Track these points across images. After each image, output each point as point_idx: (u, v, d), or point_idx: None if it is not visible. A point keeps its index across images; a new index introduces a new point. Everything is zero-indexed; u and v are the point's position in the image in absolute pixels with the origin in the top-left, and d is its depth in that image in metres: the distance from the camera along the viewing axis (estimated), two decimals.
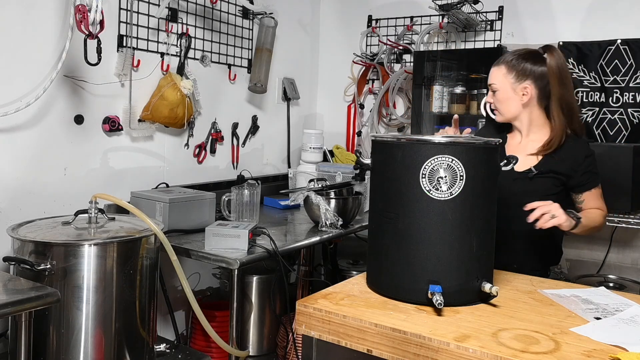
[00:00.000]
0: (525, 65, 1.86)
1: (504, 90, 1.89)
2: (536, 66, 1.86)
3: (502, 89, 1.90)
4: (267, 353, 2.93)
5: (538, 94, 1.88)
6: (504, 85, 1.89)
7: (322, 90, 3.89)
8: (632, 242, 2.87)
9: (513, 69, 1.87)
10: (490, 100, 1.97)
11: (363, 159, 1.57)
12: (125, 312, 1.80)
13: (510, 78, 1.88)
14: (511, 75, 1.87)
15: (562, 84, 1.85)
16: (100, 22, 2.02)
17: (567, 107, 1.87)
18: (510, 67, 1.88)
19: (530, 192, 1.83)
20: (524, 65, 1.86)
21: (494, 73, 1.92)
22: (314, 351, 1.41)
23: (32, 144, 2.19)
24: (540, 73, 1.85)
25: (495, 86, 1.91)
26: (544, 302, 1.47)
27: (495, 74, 1.91)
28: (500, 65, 1.90)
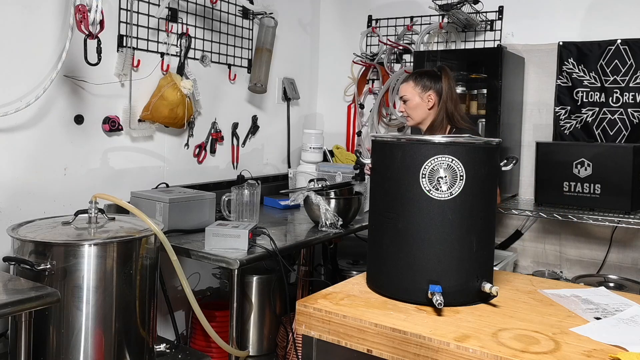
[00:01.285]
0: (427, 80, 2.40)
1: (414, 99, 2.41)
2: (435, 81, 2.39)
3: (412, 99, 2.42)
4: (267, 353, 2.93)
5: (435, 101, 2.39)
6: (413, 95, 2.41)
7: (322, 90, 3.89)
8: (632, 242, 2.87)
9: (418, 82, 2.41)
10: (402, 109, 2.48)
11: (363, 159, 1.57)
12: (125, 312, 1.80)
13: (418, 89, 2.41)
14: (418, 87, 2.41)
15: (450, 93, 2.38)
16: (100, 22, 2.02)
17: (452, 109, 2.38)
18: (416, 81, 2.41)
19: None
20: (426, 80, 2.40)
21: (403, 87, 2.46)
22: (314, 351, 1.41)
23: (32, 144, 2.19)
24: (439, 86, 2.39)
25: (405, 97, 2.44)
26: (544, 302, 1.47)
27: (405, 88, 2.44)
28: (408, 80, 2.44)
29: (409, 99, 2.42)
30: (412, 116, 2.45)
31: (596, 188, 2.64)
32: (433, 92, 2.39)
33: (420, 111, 2.42)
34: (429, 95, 2.39)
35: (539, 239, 3.11)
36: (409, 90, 2.43)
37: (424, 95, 2.40)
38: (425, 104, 2.40)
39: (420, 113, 2.42)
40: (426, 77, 2.41)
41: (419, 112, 2.43)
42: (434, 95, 2.39)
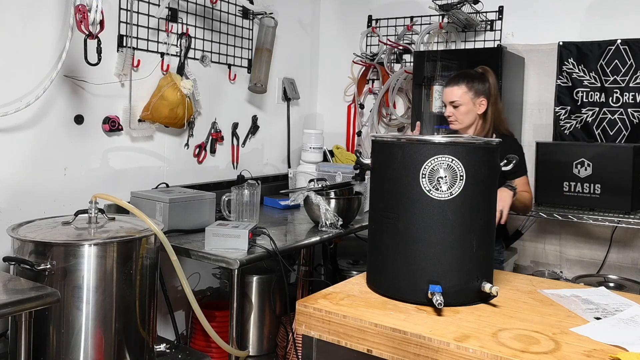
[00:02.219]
0: (478, 84, 2.32)
1: (467, 104, 2.31)
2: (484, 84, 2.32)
3: (465, 103, 2.31)
4: (267, 353, 2.93)
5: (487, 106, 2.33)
6: (466, 100, 2.31)
7: (322, 90, 3.89)
8: (632, 242, 2.87)
9: (472, 87, 2.31)
10: (450, 114, 2.36)
11: (363, 159, 1.57)
12: (125, 312, 1.80)
13: (471, 94, 2.31)
14: (472, 91, 2.31)
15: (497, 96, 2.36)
16: (100, 22, 2.02)
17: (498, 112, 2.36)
18: (469, 86, 2.31)
19: None
20: (478, 84, 2.32)
21: (454, 91, 2.33)
22: (314, 351, 1.41)
23: (32, 144, 2.19)
24: (488, 89, 2.33)
25: (458, 102, 2.32)
26: (544, 302, 1.47)
27: (456, 92, 2.32)
28: (461, 84, 2.32)
29: (462, 104, 2.31)
30: (462, 121, 2.34)
31: (596, 188, 2.64)
32: (484, 97, 2.31)
33: (471, 116, 2.33)
34: (481, 101, 2.31)
35: (539, 239, 3.11)
36: (461, 95, 2.31)
37: (477, 101, 2.31)
38: (476, 110, 2.32)
39: (471, 118, 2.34)
40: (477, 80, 2.32)
41: (469, 118, 2.33)
42: (485, 100, 2.31)
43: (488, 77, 2.33)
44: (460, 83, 2.32)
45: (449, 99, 2.34)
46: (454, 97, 2.32)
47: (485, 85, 2.31)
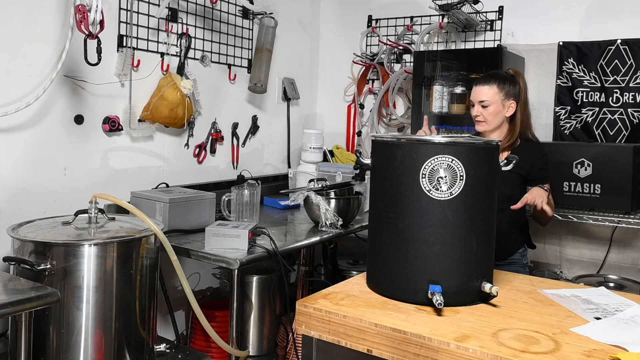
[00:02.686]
0: (509, 86, 2.28)
1: (496, 105, 2.27)
2: (515, 87, 2.29)
3: (494, 104, 2.27)
4: (267, 353, 2.93)
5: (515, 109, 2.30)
6: (496, 101, 2.27)
7: (322, 90, 3.89)
8: (632, 242, 2.87)
9: (503, 88, 2.27)
10: (478, 113, 2.31)
11: (363, 159, 1.57)
12: (125, 312, 1.80)
13: (502, 95, 2.27)
14: (502, 92, 2.27)
15: (526, 100, 2.33)
16: (100, 22, 2.02)
17: (526, 117, 2.33)
18: (501, 87, 2.27)
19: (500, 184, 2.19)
20: (509, 86, 2.28)
21: (485, 90, 2.28)
22: (314, 351, 1.41)
23: (32, 144, 2.19)
24: (518, 92, 2.30)
25: (488, 102, 2.27)
26: (544, 302, 1.47)
27: (487, 91, 2.28)
28: (492, 84, 2.28)
29: (491, 104, 2.27)
30: (490, 122, 2.29)
31: (596, 188, 2.63)
32: (514, 99, 2.28)
33: (499, 118, 2.28)
34: (510, 104, 2.27)
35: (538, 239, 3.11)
36: (492, 95, 2.26)
37: (506, 103, 2.27)
38: (504, 112, 2.28)
39: (498, 120, 2.29)
40: (508, 82, 2.28)
41: (497, 119, 2.28)
42: (514, 103, 2.28)
43: (519, 80, 2.30)
44: (492, 83, 2.27)
45: (478, 98, 2.29)
46: (484, 97, 2.27)
47: (515, 88, 2.28)
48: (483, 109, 2.29)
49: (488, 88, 2.27)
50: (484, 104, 2.28)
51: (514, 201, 2.15)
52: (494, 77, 2.30)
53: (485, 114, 2.29)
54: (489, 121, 2.29)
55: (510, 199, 2.17)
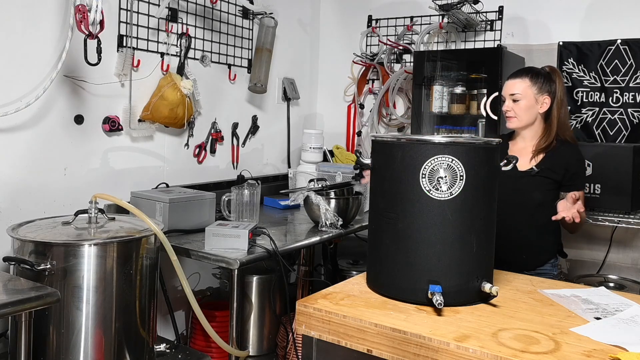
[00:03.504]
0: (543, 81, 2.15)
1: (528, 100, 2.13)
2: (550, 83, 2.16)
3: (526, 98, 2.13)
4: (267, 353, 2.93)
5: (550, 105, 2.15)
6: (528, 95, 2.13)
7: (322, 90, 3.89)
8: (632, 242, 2.87)
9: (536, 83, 2.14)
10: (509, 108, 2.17)
11: (363, 159, 1.57)
12: (125, 312, 1.80)
13: (535, 90, 2.13)
14: (535, 87, 2.13)
15: (563, 99, 2.18)
16: (100, 22, 2.02)
17: (563, 117, 2.19)
18: (534, 81, 2.14)
19: (531, 188, 2.12)
20: (542, 81, 2.14)
21: (516, 84, 2.15)
22: (314, 351, 1.41)
23: (32, 144, 2.19)
24: (554, 89, 2.16)
25: (519, 95, 2.14)
26: (544, 302, 1.47)
27: (519, 85, 2.15)
28: (524, 78, 2.15)
29: (523, 98, 2.13)
30: (521, 118, 2.15)
31: (596, 188, 2.63)
32: (548, 95, 2.13)
33: (531, 114, 2.14)
34: (544, 99, 2.13)
35: None
36: (523, 89, 2.13)
37: (540, 98, 2.13)
38: (537, 108, 2.14)
39: (530, 116, 2.14)
40: (542, 77, 2.15)
41: (529, 115, 2.14)
42: (549, 99, 2.13)
43: (555, 77, 2.17)
44: (524, 76, 2.15)
45: (509, 92, 2.17)
46: (515, 89, 2.14)
47: (551, 85, 2.15)
48: (514, 103, 2.15)
49: (520, 81, 2.15)
50: (515, 98, 2.14)
51: (546, 208, 2.07)
52: (526, 71, 2.19)
53: (516, 109, 2.15)
54: (520, 117, 2.15)
55: (542, 206, 2.10)
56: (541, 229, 2.15)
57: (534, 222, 2.14)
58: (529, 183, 2.13)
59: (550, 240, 2.20)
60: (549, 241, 2.20)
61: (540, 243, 2.17)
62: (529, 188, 2.12)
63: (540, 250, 2.18)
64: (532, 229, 2.16)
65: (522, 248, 2.12)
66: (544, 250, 2.19)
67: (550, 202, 2.11)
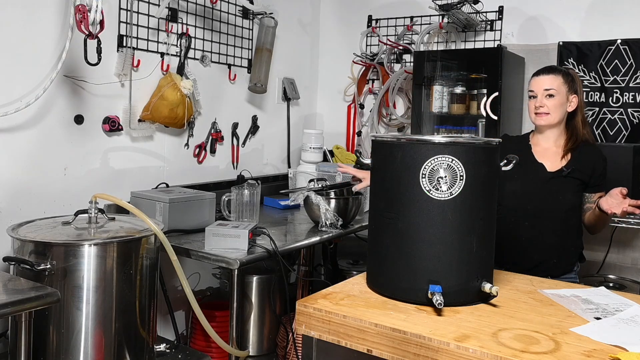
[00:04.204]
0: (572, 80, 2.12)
1: (562, 96, 2.08)
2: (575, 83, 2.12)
3: (560, 94, 2.08)
4: (267, 353, 2.93)
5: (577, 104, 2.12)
6: (562, 92, 2.08)
7: (322, 90, 3.89)
8: (632, 242, 2.87)
9: (567, 81, 2.10)
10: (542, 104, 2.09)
11: (363, 159, 1.57)
12: (125, 312, 1.80)
13: (566, 87, 2.09)
14: (567, 85, 2.09)
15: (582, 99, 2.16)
16: (100, 22, 2.02)
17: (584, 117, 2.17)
18: (565, 78, 2.10)
19: (563, 190, 2.09)
20: (571, 80, 2.11)
21: (551, 79, 2.09)
22: (314, 351, 1.41)
23: (32, 144, 2.19)
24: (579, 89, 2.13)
25: (554, 91, 2.08)
26: (544, 302, 1.47)
27: (553, 80, 2.09)
28: (558, 75, 2.10)
29: (558, 94, 2.07)
30: (554, 114, 2.08)
31: None
32: (576, 95, 2.10)
33: (562, 112, 2.09)
34: (573, 98, 2.10)
35: None
36: (558, 85, 2.08)
37: (570, 97, 2.09)
38: (567, 106, 2.09)
39: (561, 114, 2.09)
40: (570, 77, 2.11)
41: (561, 112, 2.09)
42: (577, 98, 2.10)
43: (576, 77, 2.15)
44: (557, 73, 2.10)
45: (543, 86, 2.08)
46: (550, 85, 2.07)
47: (575, 84, 2.12)
48: (548, 99, 2.07)
49: (555, 77, 2.09)
50: (550, 93, 2.07)
51: (576, 210, 2.09)
52: (557, 69, 2.14)
53: (550, 105, 2.07)
54: (553, 113, 2.08)
55: (573, 209, 2.09)
56: (572, 233, 2.13)
57: (566, 226, 2.10)
58: (561, 184, 2.08)
59: (578, 244, 2.17)
60: (577, 245, 2.16)
61: (570, 247, 2.13)
62: (561, 189, 2.08)
63: (570, 254, 2.14)
64: (565, 233, 2.11)
65: (553, 253, 2.08)
66: (573, 255, 2.15)
67: (579, 205, 2.09)
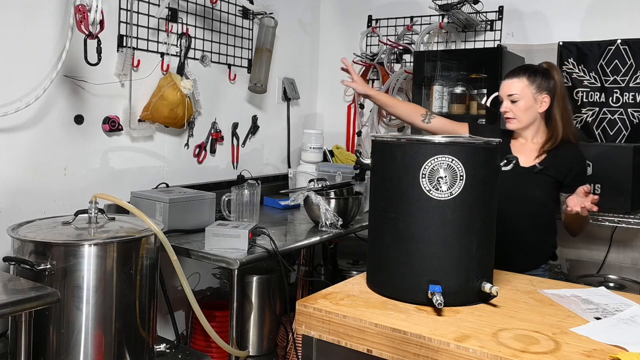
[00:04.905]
0: (541, 79, 2.08)
1: (527, 100, 2.07)
2: (549, 80, 2.09)
3: (525, 98, 2.07)
4: (267, 353, 2.93)
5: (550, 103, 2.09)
6: (526, 95, 2.07)
7: (322, 90, 3.89)
8: (632, 242, 2.87)
9: (534, 82, 2.07)
10: (507, 110, 2.10)
11: (363, 159, 1.57)
12: (125, 312, 1.80)
13: (533, 89, 2.07)
14: (533, 86, 2.07)
15: (564, 96, 2.12)
16: (100, 22, 2.02)
17: (566, 115, 2.12)
18: (531, 80, 2.07)
19: (532, 186, 2.09)
20: (540, 79, 2.08)
21: (514, 84, 2.09)
22: (314, 351, 1.41)
23: (32, 144, 2.19)
24: (552, 86, 2.09)
25: (517, 96, 2.07)
26: (544, 302, 1.47)
27: (516, 85, 2.08)
28: (522, 77, 2.08)
29: (521, 99, 2.06)
30: (521, 119, 2.08)
31: (596, 188, 2.63)
32: (547, 93, 2.07)
33: (531, 115, 2.08)
34: (543, 98, 2.07)
35: None
36: (521, 89, 2.06)
37: (539, 97, 2.06)
38: (537, 107, 2.07)
39: (530, 117, 2.08)
40: (540, 75, 2.08)
41: (529, 116, 2.08)
42: (548, 98, 2.07)
43: (553, 73, 2.10)
44: (521, 76, 2.08)
45: (506, 92, 2.09)
46: (512, 90, 2.07)
47: (549, 82, 2.08)
48: (512, 104, 2.09)
49: (518, 81, 2.08)
50: (513, 99, 2.08)
51: (547, 208, 2.08)
52: (524, 70, 2.12)
53: (515, 110, 2.08)
54: (519, 118, 2.09)
55: (544, 205, 2.09)
56: (541, 230, 2.12)
57: (534, 222, 2.11)
58: (531, 180, 2.08)
59: (549, 242, 2.17)
60: (547, 243, 2.16)
61: (539, 245, 2.13)
62: (531, 185, 2.08)
63: (538, 251, 2.14)
64: (533, 229, 2.12)
65: (521, 248, 2.08)
66: (541, 253, 2.15)
67: (552, 203, 2.09)
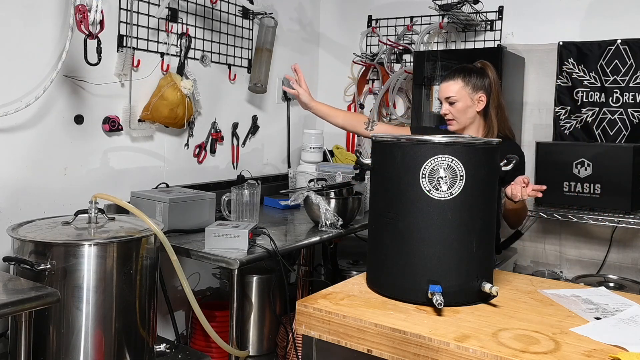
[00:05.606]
0: (476, 78, 2.15)
1: (464, 101, 2.15)
2: (483, 79, 2.16)
3: (462, 99, 2.15)
4: (267, 353, 2.93)
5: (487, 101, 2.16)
6: (463, 96, 2.15)
7: (322, 90, 3.88)
8: (632, 242, 2.87)
9: (469, 82, 2.14)
10: (446, 111, 2.19)
11: (363, 159, 1.57)
12: (125, 312, 1.80)
13: (469, 89, 2.14)
14: (469, 86, 2.14)
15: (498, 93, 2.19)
16: (100, 22, 2.02)
17: (501, 111, 2.19)
18: (466, 81, 2.15)
19: None
20: (475, 78, 2.15)
21: (449, 86, 2.16)
22: (314, 351, 1.41)
23: (32, 144, 2.19)
24: (488, 85, 2.16)
25: (454, 98, 2.15)
26: (544, 302, 1.47)
27: (452, 87, 2.16)
28: (457, 79, 2.16)
29: (458, 100, 2.14)
30: (460, 120, 2.17)
31: (596, 188, 2.64)
32: (483, 92, 2.14)
33: (469, 115, 2.16)
34: (479, 97, 2.14)
35: (538, 239, 3.11)
36: (457, 91, 2.14)
37: (475, 97, 2.14)
38: (474, 107, 2.15)
39: (469, 117, 2.16)
40: (475, 75, 2.15)
41: (467, 116, 2.16)
42: (484, 96, 2.14)
43: (487, 71, 2.18)
44: (457, 77, 2.16)
45: (444, 95, 2.18)
46: (449, 93, 2.16)
47: (484, 80, 2.15)
48: (451, 106, 2.17)
49: (453, 83, 2.15)
50: (451, 101, 2.16)
51: None
52: (458, 71, 2.17)
53: (453, 112, 2.17)
54: (458, 119, 2.17)
55: None
56: None
57: None
58: None
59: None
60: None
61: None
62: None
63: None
64: None
65: None
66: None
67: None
